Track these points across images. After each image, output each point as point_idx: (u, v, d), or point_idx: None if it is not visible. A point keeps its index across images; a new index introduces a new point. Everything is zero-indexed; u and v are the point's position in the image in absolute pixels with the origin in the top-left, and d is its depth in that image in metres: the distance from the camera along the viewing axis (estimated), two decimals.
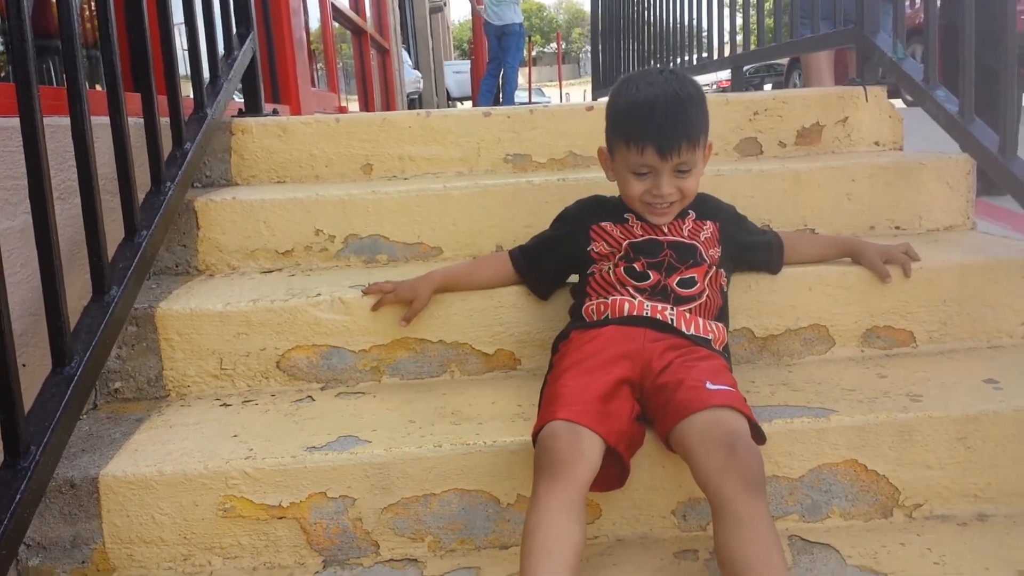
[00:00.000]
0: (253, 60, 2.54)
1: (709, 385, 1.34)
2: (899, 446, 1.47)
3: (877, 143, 2.35)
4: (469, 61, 15.87)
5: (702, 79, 2.67)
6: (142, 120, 1.77)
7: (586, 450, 1.27)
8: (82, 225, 1.49)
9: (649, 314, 1.51)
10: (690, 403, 1.31)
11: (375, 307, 1.70)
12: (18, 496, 1.20)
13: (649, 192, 1.54)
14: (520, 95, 12.63)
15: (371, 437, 1.48)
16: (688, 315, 1.52)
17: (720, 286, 1.61)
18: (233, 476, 1.41)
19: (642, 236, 1.59)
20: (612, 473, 1.34)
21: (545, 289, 1.73)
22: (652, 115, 1.50)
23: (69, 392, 1.35)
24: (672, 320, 1.50)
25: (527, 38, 11.00)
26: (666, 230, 1.60)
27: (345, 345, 1.73)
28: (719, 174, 2.02)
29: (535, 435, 1.32)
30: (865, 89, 2.33)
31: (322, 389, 1.73)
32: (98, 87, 1.94)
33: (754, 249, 1.74)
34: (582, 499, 1.26)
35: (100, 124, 1.59)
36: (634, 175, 1.55)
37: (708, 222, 1.64)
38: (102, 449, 1.49)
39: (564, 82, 24.82)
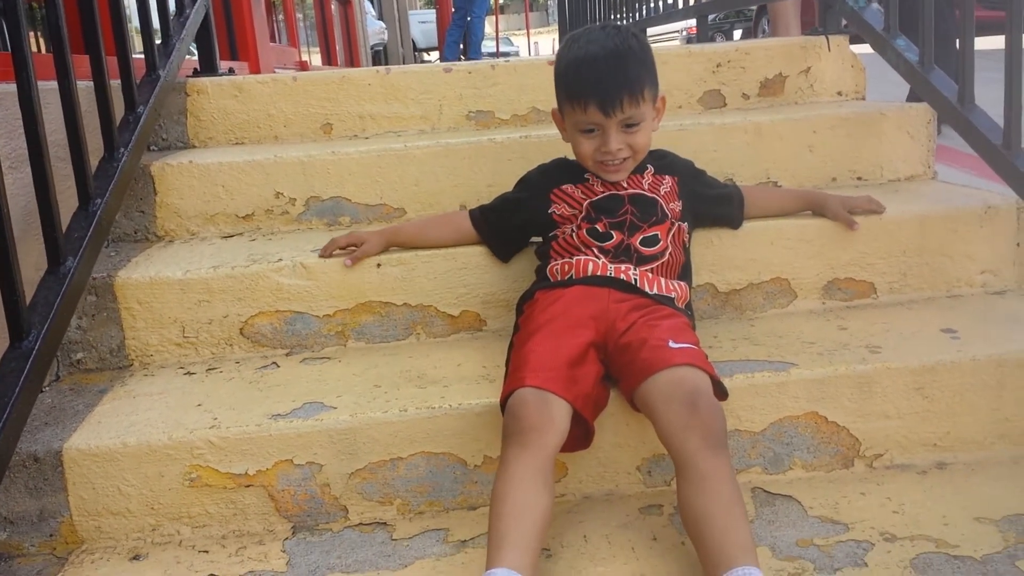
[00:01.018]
0: (207, 18, 2.48)
1: (671, 344, 1.35)
2: (858, 397, 1.49)
3: (840, 93, 2.36)
4: (435, 10, 15.62)
5: (671, 26, 2.65)
6: (92, 84, 1.72)
7: (555, 417, 1.28)
8: (34, 194, 1.45)
9: (613, 274, 1.51)
10: (653, 362, 1.32)
11: (322, 254, 1.71)
12: None
13: (599, 150, 1.53)
14: (487, 45, 12.47)
15: (336, 403, 1.48)
16: (651, 275, 1.53)
17: (683, 242, 1.61)
18: (198, 446, 1.41)
19: (602, 192, 1.59)
20: (578, 435, 1.35)
21: (504, 250, 1.73)
22: (592, 72, 1.49)
23: (28, 366, 1.33)
24: (635, 280, 1.51)
25: None
26: (625, 184, 1.59)
27: (309, 310, 1.72)
28: (682, 128, 2.01)
29: (503, 401, 1.33)
30: (827, 39, 2.32)
31: (287, 355, 1.72)
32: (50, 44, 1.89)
33: (714, 202, 1.74)
34: (551, 465, 1.27)
35: (49, 89, 1.55)
36: (583, 134, 1.54)
37: (667, 176, 1.64)
38: (65, 422, 1.48)
39: (532, 31, 24.52)
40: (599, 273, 1.52)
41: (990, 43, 2.17)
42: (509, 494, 1.22)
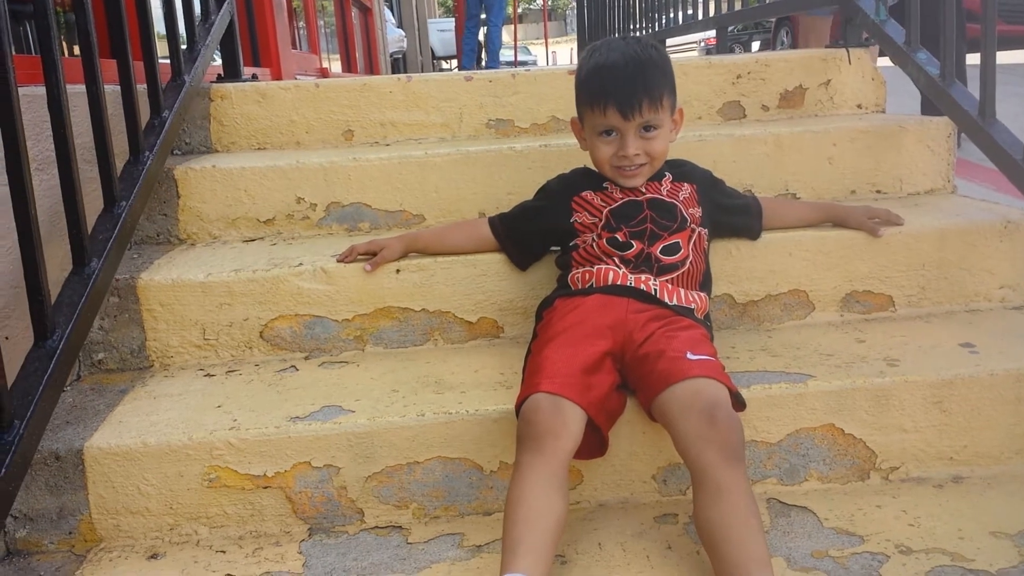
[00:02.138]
0: (231, 24, 2.51)
1: (689, 355, 1.35)
2: (876, 410, 1.49)
3: (860, 106, 2.35)
4: (454, 19, 15.67)
5: (690, 37, 2.66)
6: (119, 87, 1.75)
7: (569, 422, 1.29)
8: (61, 196, 1.47)
9: (632, 284, 1.52)
10: (670, 374, 1.32)
11: (341, 259, 1.72)
12: (3, 470, 1.20)
13: (616, 154, 1.55)
14: (505, 54, 12.50)
15: (354, 407, 1.49)
16: (671, 286, 1.53)
17: (704, 250, 1.62)
18: (217, 447, 1.42)
19: (621, 199, 1.60)
20: (593, 442, 1.36)
21: (523, 258, 1.74)
22: (613, 76, 1.52)
23: (52, 365, 1.35)
24: (655, 291, 1.51)
25: None
26: (644, 190, 1.61)
27: (328, 315, 1.73)
28: (701, 139, 2.02)
29: (518, 406, 1.34)
30: (848, 51, 2.32)
31: (306, 359, 1.73)
32: (75, 48, 1.91)
33: (732, 212, 1.74)
34: (564, 471, 1.27)
35: (77, 92, 1.57)
36: (601, 139, 1.56)
37: (685, 184, 1.65)
38: (86, 421, 1.50)
39: (550, 40, 24.59)
40: (619, 283, 1.53)
41: (1010, 57, 2.17)
42: (523, 499, 1.22)
